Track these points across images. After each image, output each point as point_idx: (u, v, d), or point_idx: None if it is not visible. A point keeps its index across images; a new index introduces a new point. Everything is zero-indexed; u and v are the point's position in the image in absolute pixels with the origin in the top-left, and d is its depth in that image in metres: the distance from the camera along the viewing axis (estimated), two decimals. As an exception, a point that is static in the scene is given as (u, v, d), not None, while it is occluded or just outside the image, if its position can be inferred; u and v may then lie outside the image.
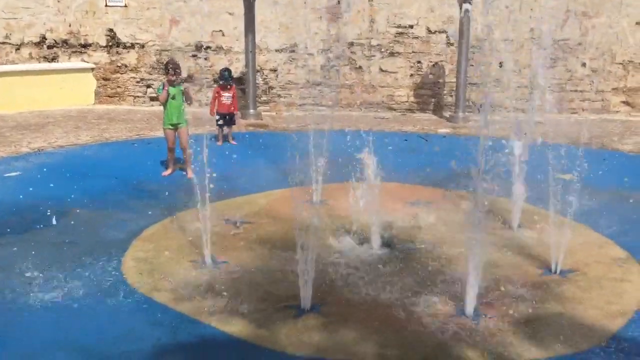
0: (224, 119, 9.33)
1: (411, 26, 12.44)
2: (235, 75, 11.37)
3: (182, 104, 7.60)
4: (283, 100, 12.64)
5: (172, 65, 7.54)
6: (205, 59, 12.39)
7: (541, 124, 6.48)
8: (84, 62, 12.82)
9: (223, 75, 9.41)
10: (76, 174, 7.60)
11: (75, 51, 12.83)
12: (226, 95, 9.30)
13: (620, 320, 4.25)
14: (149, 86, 12.79)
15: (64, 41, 12.79)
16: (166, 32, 12.54)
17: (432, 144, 9.69)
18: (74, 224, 6.01)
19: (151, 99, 12.61)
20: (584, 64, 12.26)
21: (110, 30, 12.70)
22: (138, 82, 12.88)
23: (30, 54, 12.79)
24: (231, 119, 9.47)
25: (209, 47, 12.52)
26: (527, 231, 5.90)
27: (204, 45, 12.35)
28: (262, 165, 7.96)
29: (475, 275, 4.24)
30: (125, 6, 12.62)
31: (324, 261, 4.96)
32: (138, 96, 12.91)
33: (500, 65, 4.38)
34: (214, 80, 10.74)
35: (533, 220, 6.00)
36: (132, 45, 12.74)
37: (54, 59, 12.84)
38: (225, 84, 9.31)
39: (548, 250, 5.11)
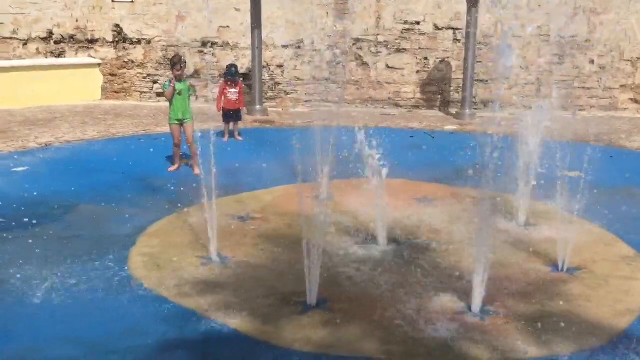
0: (230, 115, 9.34)
1: (418, 22, 12.40)
2: (242, 71, 11.39)
3: (188, 99, 7.62)
4: (289, 96, 12.64)
5: (177, 60, 7.56)
6: (212, 55, 12.39)
7: (548, 122, 6.44)
8: (91, 58, 12.86)
9: (230, 71, 9.41)
10: (83, 169, 7.64)
11: (82, 47, 12.85)
12: (232, 91, 9.30)
13: (628, 318, 4.23)
14: (155, 82, 12.80)
15: (71, 37, 12.82)
16: (173, 28, 12.55)
17: (439, 140, 9.67)
18: (80, 219, 6.04)
19: (157, 95, 12.62)
20: (592, 61, 12.20)
21: (117, 25, 12.72)
22: (144, 78, 12.89)
23: (37, 49, 12.83)
24: (237, 115, 9.47)
25: (215, 43, 12.52)
26: (534, 228, 5.88)
27: (211, 41, 12.35)
28: (268, 162, 7.95)
29: (481, 272, 4.23)
30: (132, 2, 12.63)
31: (330, 257, 4.96)
32: (144, 92, 12.93)
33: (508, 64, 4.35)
34: (220, 76, 10.73)
35: (540, 218, 5.98)
36: (139, 41, 12.76)
37: (61, 55, 12.88)
38: (231, 80, 9.32)
39: (555, 247, 5.09)
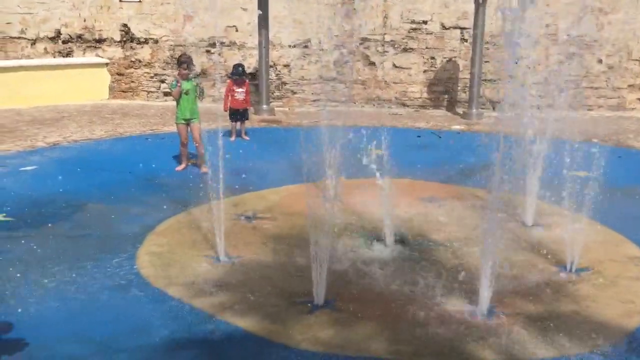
0: (238, 115, 9.35)
1: (425, 22, 12.38)
2: (249, 71, 11.40)
3: (195, 99, 7.63)
4: (296, 96, 12.64)
5: (184, 59, 7.58)
6: (219, 54, 12.41)
7: (557, 121, 6.42)
8: (99, 57, 12.90)
9: (236, 70, 9.43)
10: (90, 169, 7.67)
11: (90, 46, 12.90)
12: (239, 90, 9.31)
13: (636, 319, 4.21)
14: (162, 81, 12.83)
15: (79, 36, 12.87)
16: (180, 28, 12.58)
17: (447, 139, 9.66)
18: (88, 218, 6.06)
19: (164, 94, 12.65)
20: (600, 61, 12.15)
21: (125, 25, 12.76)
22: (152, 78, 12.93)
23: (45, 48, 12.89)
24: (245, 115, 9.48)
25: (222, 43, 12.53)
26: (542, 229, 5.86)
27: (218, 41, 12.37)
28: (275, 161, 7.96)
29: (489, 272, 4.22)
30: (140, 1, 12.67)
31: (338, 257, 4.96)
32: (152, 91, 12.97)
33: (516, 62, 4.34)
34: (227, 76, 10.75)
35: (548, 218, 5.96)
36: (146, 41, 12.79)
37: (68, 54, 12.93)
38: (238, 80, 9.33)
39: (563, 248, 5.08)
